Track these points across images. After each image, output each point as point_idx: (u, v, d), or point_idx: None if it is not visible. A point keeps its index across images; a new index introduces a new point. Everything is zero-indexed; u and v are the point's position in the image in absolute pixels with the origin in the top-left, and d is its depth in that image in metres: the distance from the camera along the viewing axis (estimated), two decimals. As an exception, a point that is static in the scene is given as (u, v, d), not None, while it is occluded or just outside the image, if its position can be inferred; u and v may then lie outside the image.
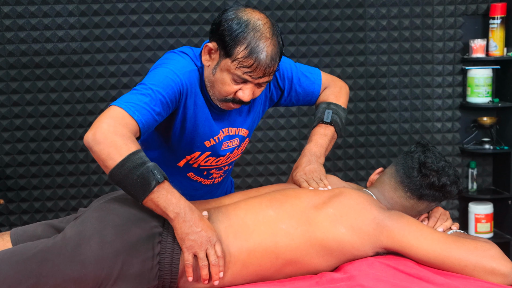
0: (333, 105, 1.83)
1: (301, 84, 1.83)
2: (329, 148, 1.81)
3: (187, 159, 1.75)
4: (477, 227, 3.22)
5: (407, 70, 3.24)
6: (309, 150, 1.77)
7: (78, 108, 3.07)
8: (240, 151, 1.85)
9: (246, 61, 1.51)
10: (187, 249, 1.43)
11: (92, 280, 1.40)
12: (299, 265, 1.52)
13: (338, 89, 1.89)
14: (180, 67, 1.59)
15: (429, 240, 1.50)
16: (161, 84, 1.54)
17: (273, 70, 1.56)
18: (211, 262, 1.43)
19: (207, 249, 1.44)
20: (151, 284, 1.44)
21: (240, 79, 1.55)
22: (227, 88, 1.58)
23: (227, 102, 1.62)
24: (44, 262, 1.40)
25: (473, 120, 3.30)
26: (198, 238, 1.43)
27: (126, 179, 1.40)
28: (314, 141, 1.79)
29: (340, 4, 3.14)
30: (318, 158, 1.76)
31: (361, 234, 1.51)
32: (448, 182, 1.63)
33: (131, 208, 1.48)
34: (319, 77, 1.88)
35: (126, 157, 1.40)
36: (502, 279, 1.44)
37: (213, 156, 1.76)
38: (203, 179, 1.83)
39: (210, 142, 1.72)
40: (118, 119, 1.44)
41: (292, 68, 1.82)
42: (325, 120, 1.81)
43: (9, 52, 2.98)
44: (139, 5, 3.02)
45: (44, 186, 3.12)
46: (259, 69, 1.52)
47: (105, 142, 1.40)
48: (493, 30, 3.13)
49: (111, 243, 1.41)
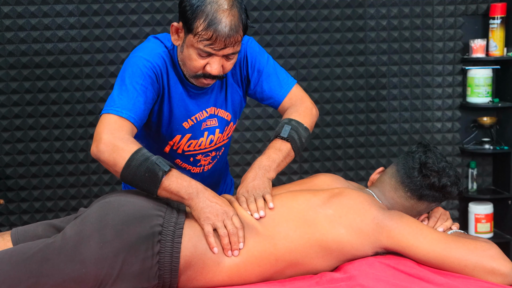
0: (294, 121, 1.75)
1: (269, 82, 1.81)
2: (282, 164, 1.71)
3: (170, 145, 1.79)
4: (477, 227, 3.23)
5: (407, 70, 3.24)
6: (259, 163, 1.67)
7: (78, 108, 3.07)
8: (226, 136, 1.85)
9: (206, 34, 1.54)
10: (204, 221, 1.48)
11: (92, 280, 1.40)
12: (299, 267, 1.52)
13: (304, 109, 1.80)
14: (148, 52, 1.66)
15: (428, 240, 1.50)
16: (134, 74, 1.61)
17: (234, 41, 1.57)
18: (230, 231, 1.47)
19: (224, 220, 1.48)
20: (151, 283, 1.44)
21: (204, 53, 1.58)
22: (195, 64, 1.61)
23: (199, 78, 1.65)
24: (44, 261, 1.40)
25: (473, 120, 3.30)
26: (214, 210, 1.48)
27: (135, 177, 1.50)
28: (267, 154, 1.69)
29: (340, 4, 3.14)
30: (267, 172, 1.65)
31: (361, 234, 1.51)
32: (448, 183, 1.63)
33: (131, 208, 1.48)
34: (290, 85, 1.83)
35: (130, 157, 1.49)
36: (502, 279, 1.44)
37: (194, 138, 1.78)
38: (192, 166, 1.85)
39: (188, 123, 1.75)
40: (112, 125, 1.55)
41: (267, 63, 1.81)
42: (282, 135, 1.71)
43: (9, 52, 2.98)
44: (139, 5, 3.02)
45: (44, 186, 3.12)
46: (219, 40, 1.54)
47: (108, 150, 1.51)
48: (493, 30, 3.14)
49: (110, 243, 1.41)
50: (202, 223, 1.48)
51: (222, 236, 1.47)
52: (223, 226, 1.48)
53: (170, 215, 1.51)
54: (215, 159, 1.90)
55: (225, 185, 2.05)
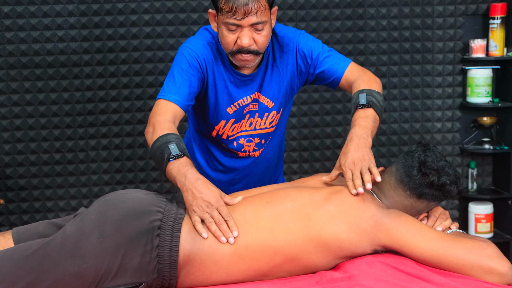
0: (366, 90, 1.78)
1: (327, 63, 1.87)
2: (374, 130, 1.73)
3: (216, 130, 1.93)
4: (477, 227, 3.22)
5: (407, 70, 3.25)
6: (356, 133, 1.67)
7: (78, 108, 3.08)
8: (268, 124, 1.94)
9: (227, 7, 1.66)
10: (191, 214, 1.55)
11: (92, 275, 1.41)
12: (297, 262, 1.52)
13: (369, 78, 1.85)
14: (194, 42, 1.83)
15: (426, 239, 1.50)
16: (180, 62, 1.80)
17: (255, 9, 1.66)
18: (216, 222, 1.51)
19: (210, 212, 1.53)
20: (150, 277, 1.45)
21: (232, 25, 1.69)
22: (227, 40, 1.73)
23: (236, 54, 1.75)
24: (45, 258, 1.42)
25: (473, 120, 3.30)
26: (200, 203, 1.54)
27: (154, 156, 1.64)
28: (358, 124, 1.70)
29: (340, 4, 3.14)
30: (366, 140, 1.66)
31: (359, 231, 1.52)
32: (448, 181, 1.63)
33: (130, 203, 1.50)
34: (347, 61, 1.90)
35: (156, 139, 1.63)
36: (499, 279, 1.44)
37: (237, 122, 1.92)
38: (237, 151, 1.98)
39: (231, 108, 1.88)
40: (158, 110, 1.73)
41: (322, 48, 1.89)
42: (361, 103, 1.74)
43: (9, 52, 2.99)
44: (139, 5, 3.02)
45: (44, 186, 3.12)
46: (239, 9, 1.65)
47: (149, 131, 1.70)
48: (493, 30, 3.13)
49: (110, 238, 1.43)
50: (190, 215, 1.55)
51: (208, 225, 1.51)
52: (209, 218, 1.52)
53: (170, 210, 1.53)
54: (261, 147, 1.99)
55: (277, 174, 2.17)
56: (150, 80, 3.09)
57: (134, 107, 3.11)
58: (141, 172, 3.18)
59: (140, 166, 3.17)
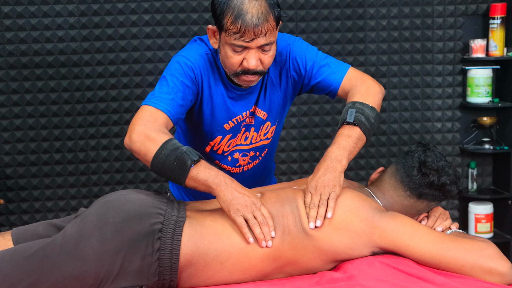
0: (358, 103, 1.68)
1: (322, 73, 1.78)
2: (355, 150, 1.64)
3: (210, 145, 1.82)
4: (477, 227, 3.22)
5: (407, 70, 3.24)
6: (330, 154, 1.61)
7: (78, 108, 3.08)
8: (263, 136, 1.86)
9: (234, 27, 1.55)
10: (234, 213, 1.49)
11: (92, 277, 1.40)
12: (298, 265, 1.52)
13: (366, 88, 1.74)
14: (191, 53, 1.71)
15: (425, 240, 1.49)
16: (175, 71, 1.66)
17: (264, 30, 1.56)
18: (260, 222, 1.48)
19: (253, 211, 1.49)
20: (151, 280, 1.44)
21: (238, 47, 1.59)
22: (232, 61, 1.62)
23: (240, 75, 1.65)
24: (45, 259, 1.41)
25: (473, 120, 3.30)
26: (243, 202, 1.50)
27: (165, 165, 1.51)
28: (337, 143, 1.63)
29: (340, 4, 3.14)
30: (338, 163, 1.59)
31: (351, 234, 1.51)
32: (448, 181, 1.63)
33: (131, 205, 1.49)
34: (344, 69, 1.79)
35: (161, 146, 1.51)
36: (499, 279, 1.44)
37: (233, 137, 1.82)
38: (231, 166, 1.87)
39: (229, 124, 1.78)
40: (147, 117, 1.57)
41: (316, 56, 1.79)
42: (348, 120, 1.65)
43: (9, 52, 2.98)
44: (139, 5, 3.02)
45: (44, 186, 3.12)
46: (248, 31, 1.55)
47: (140, 140, 1.53)
48: (493, 30, 3.13)
49: (111, 240, 1.42)
50: (233, 216, 1.49)
51: (253, 226, 1.48)
52: (253, 218, 1.49)
53: (171, 213, 1.51)
54: (255, 160, 1.90)
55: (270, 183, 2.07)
56: (150, 80, 3.09)
57: (134, 107, 3.11)
58: (141, 172, 3.18)
59: (140, 166, 3.17)
